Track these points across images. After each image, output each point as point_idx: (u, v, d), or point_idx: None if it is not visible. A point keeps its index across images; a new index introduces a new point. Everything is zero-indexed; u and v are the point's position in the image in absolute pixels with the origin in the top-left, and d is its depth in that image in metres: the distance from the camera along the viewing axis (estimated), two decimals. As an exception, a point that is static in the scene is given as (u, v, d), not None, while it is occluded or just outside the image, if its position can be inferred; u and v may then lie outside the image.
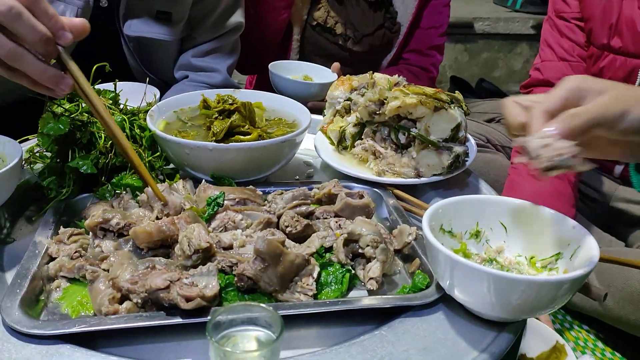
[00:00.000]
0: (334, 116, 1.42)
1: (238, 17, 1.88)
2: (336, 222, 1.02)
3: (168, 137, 1.12)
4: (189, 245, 0.88)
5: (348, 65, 2.24)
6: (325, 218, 1.05)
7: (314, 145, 1.37)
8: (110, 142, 1.12)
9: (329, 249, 0.98)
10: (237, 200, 1.05)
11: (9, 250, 1.00)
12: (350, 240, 0.96)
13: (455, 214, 0.95)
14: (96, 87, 1.21)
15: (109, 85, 1.25)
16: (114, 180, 1.11)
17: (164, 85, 1.91)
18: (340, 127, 1.35)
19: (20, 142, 1.13)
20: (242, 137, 1.17)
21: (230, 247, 0.94)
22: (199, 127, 1.25)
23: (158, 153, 1.17)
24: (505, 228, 0.95)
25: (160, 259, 0.90)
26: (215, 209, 1.02)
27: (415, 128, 1.20)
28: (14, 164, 0.97)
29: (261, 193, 1.10)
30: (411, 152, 1.21)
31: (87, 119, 1.11)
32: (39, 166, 1.18)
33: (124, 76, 1.75)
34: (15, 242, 1.02)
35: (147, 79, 1.37)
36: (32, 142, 1.29)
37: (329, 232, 1.00)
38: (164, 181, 1.15)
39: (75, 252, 0.94)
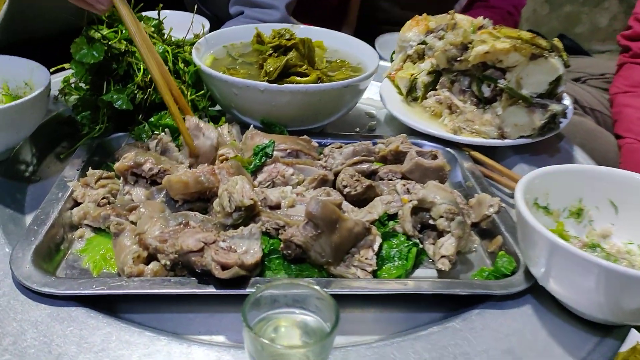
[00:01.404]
0: (404, 62, 1.24)
1: None
2: (403, 185, 0.86)
3: (214, 74, 0.98)
4: (229, 201, 0.74)
5: (414, 10, 2.01)
6: (391, 179, 0.89)
7: (379, 95, 1.19)
8: (150, 75, 0.98)
9: (394, 217, 0.82)
10: (288, 151, 0.90)
11: (33, 190, 0.90)
12: (420, 209, 0.80)
13: (553, 186, 0.77)
14: (141, 14, 1.07)
15: (153, 14, 1.11)
16: (152, 119, 0.98)
17: (217, 21, 1.76)
18: (411, 75, 1.16)
19: (54, 72, 1.02)
20: (298, 78, 1.01)
21: (277, 207, 0.80)
22: (250, 65, 1.10)
23: (203, 91, 1.02)
24: (616, 208, 0.77)
25: (196, 214, 0.77)
26: (262, 160, 0.87)
27: (504, 79, 1.00)
28: (39, 92, 0.85)
29: (317, 145, 0.95)
30: (496, 107, 1.02)
31: (125, 48, 0.97)
32: (74, 98, 1.06)
33: (174, 8, 1.62)
34: (40, 181, 0.92)
35: (196, 8, 1.21)
36: (69, 71, 1.17)
37: (394, 196, 0.84)
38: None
39: (103, 199, 0.82)
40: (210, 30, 1.48)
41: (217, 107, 1.09)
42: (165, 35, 1.09)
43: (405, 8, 2.02)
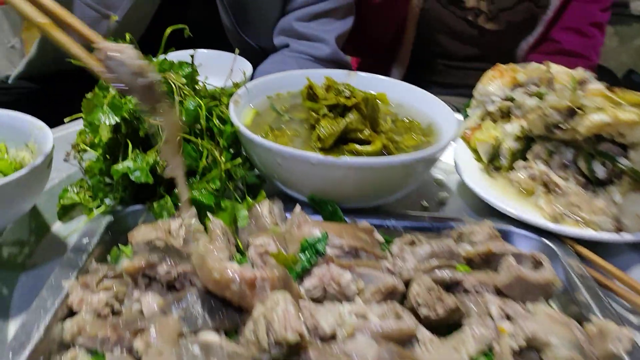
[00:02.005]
0: (482, 119, 1.02)
1: None
2: (499, 306, 0.64)
3: (255, 139, 0.79)
4: (267, 333, 0.54)
5: (476, 47, 1.80)
6: (478, 291, 0.68)
7: (452, 159, 0.98)
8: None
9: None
10: (346, 249, 0.69)
11: (25, 281, 0.72)
12: (528, 348, 0.58)
13: None
14: (170, 54, 0.90)
15: (185, 54, 0.92)
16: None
17: (261, 53, 1.59)
18: (494, 138, 0.95)
19: (69, 121, 0.85)
20: (358, 146, 0.81)
21: (332, 337, 0.59)
22: (299, 123, 0.91)
23: (239, 160, 0.83)
24: None
25: (222, 341, 0.57)
26: (312, 261, 0.67)
27: (626, 158, 0.78)
28: (37, 164, 0.67)
29: (381, 240, 0.74)
30: (612, 192, 0.80)
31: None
32: (88, 159, 0.89)
33: (215, 43, 1.45)
34: (36, 267, 0.74)
35: (237, 51, 1.03)
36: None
37: (487, 321, 0.63)
38: (243, 197, 0.82)
39: (106, 306, 0.64)
40: (257, 64, 1.31)
41: (256, 171, 0.90)
42: (200, 83, 0.91)
43: (465, 42, 1.81)
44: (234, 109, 0.87)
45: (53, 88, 1.64)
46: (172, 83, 0.82)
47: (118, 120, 0.75)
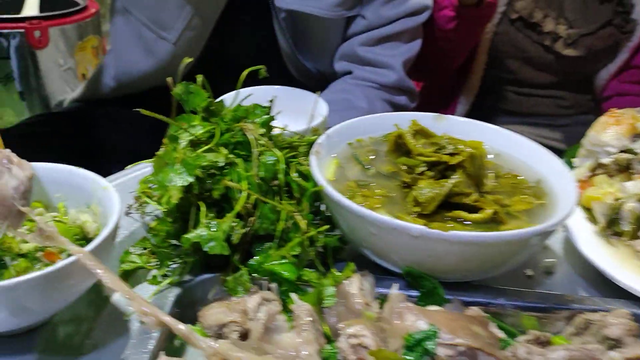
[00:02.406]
0: (593, 171, 0.89)
1: None
2: None
3: (347, 205, 0.68)
4: None
5: (552, 74, 1.66)
6: (628, 410, 0.55)
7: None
8: (253, 197, 0.70)
9: None
10: (461, 349, 0.57)
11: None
12: None
13: None
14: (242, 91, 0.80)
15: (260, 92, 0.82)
16: (252, 261, 0.70)
17: (320, 78, 1.49)
18: (614, 197, 0.81)
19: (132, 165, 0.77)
20: (464, 214, 0.69)
21: None
22: (387, 179, 0.79)
23: (326, 227, 0.72)
24: None
25: None
26: (421, 362, 0.56)
27: None
28: (104, 238, 0.58)
29: (499, 334, 0.62)
30: None
31: (225, 160, 0.70)
32: (154, 215, 0.81)
33: (271, 65, 1.36)
34: (95, 351, 0.65)
35: (318, 93, 0.93)
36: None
37: None
38: (325, 267, 0.71)
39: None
40: (311, 91, 1.21)
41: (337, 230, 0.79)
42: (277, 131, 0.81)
43: (539, 69, 1.67)
44: (316, 164, 0.76)
45: (110, 112, 1.58)
46: (249, 135, 0.72)
47: (191, 180, 0.65)
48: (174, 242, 0.74)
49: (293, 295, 0.65)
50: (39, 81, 2.11)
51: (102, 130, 1.53)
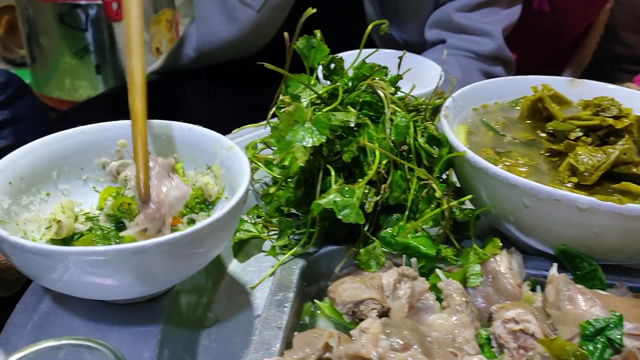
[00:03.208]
0: None
1: None
2: None
3: (496, 173, 0.59)
4: None
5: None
6: None
7: None
8: (386, 161, 0.63)
9: None
10: (651, 340, 0.49)
11: (207, 345, 0.57)
12: None
13: None
14: (340, 55, 0.72)
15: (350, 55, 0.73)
16: (385, 233, 0.63)
17: (407, 50, 1.40)
18: None
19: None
20: (634, 186, 0.60)
21: None
22: (526, 147, 0.70)
23: (469, 197, 0.64)
24: None
25: None
26: (605, 354, 0.47)
27: None
28: (235, 203, 0.51)
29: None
30: None
31: (357, 120, 0.63)
32: (261, 178, 0.75)
33: (355, 36, 1.28)
34: (219, 323, 0.59)
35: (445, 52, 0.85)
36: (255, 132, 0.87)
37: None
38: (460, 243, 0.63)
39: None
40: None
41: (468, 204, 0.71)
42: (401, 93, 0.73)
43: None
44: (447, 126, 0.68)
45: (189, 83, 1.55)
46: (381, 93, 0.65)
47: (324, 140, 0.58)
48: (292, 210, 0.68)
49: (439, 272, 0.57)
50: (115, 55, 2.10)
51: (182, 102, 1.50)
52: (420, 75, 0.93)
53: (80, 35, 2.03)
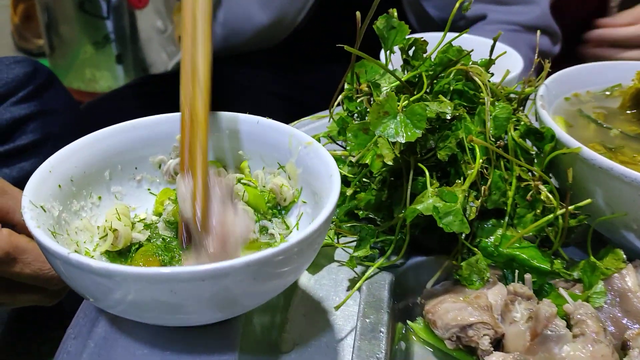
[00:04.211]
0: None
1: None
2: None
3: (624, 173, 0.50)
4: None
5: None
6: None
7: None
8: (484, 158, 0.54)
9: None
10: None
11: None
12: None
13: None
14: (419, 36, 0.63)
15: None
16: (483, 243, 0.54)
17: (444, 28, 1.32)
18: None
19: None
20: None
21: None
22: (634, 140, 0.62)
23: (588, 202, 0.55)
24: None
25: None
26: None
27: None
28: (327, 215, 0.43)
29: None
30: None
31: (454, 112, 0.54)
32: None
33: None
34: (298, 348, 0.51)
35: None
36: (316, 124, 0.78)
37: None
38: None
39: None
40: None
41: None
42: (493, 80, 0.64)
43: None
44: (546, 117, 0.59)
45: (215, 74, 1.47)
46: (478, 81, 0.56)
47: (419, 135, 0.49)
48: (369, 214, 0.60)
49: (563, 292, 0.48)
50: (136, 44, 2.02)
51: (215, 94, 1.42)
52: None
53: (100, 24, 1.94)
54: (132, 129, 0.54)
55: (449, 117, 0.53)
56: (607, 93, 0.71)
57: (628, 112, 0.67)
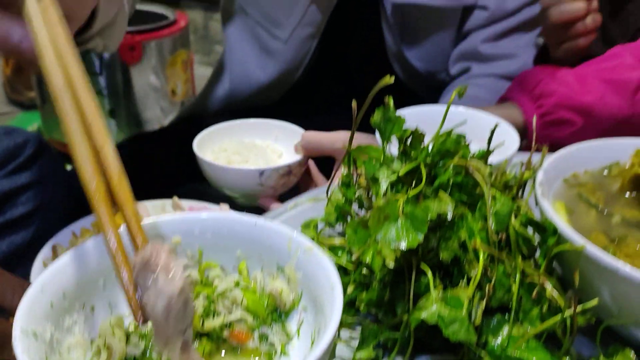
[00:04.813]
0: None
1: None
2: None
3: (627, 273, 0.50)
4: None
5: None
6: None
7: None
8: (486, 255, 0.53)
9: None
10: None
11: None
12: None
13: None
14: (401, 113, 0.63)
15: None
16: (490, 346, 0.52)
17: (430, 81, 1.36)
18: None
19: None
20: None
21: None
22: (636, 228, 0.61)
23: (594, 303, 0.54)
24: None
25: None
26: None
27: None
28: (327, 345, 0.41)
29: None
30: None
31: (457, 204, 0.53)
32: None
33: (379, 68, 1.21)
34: None
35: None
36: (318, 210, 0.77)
37: None
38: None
39: None
40: (417, 95, 1.03)
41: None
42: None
43: None
44: (546, 204, 0.58)
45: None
46: (478, 177, 0.56)
47: (421, 239, 0.49)
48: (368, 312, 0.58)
49: (576, 404, 0.47)
50: (129, 99, 2.03)
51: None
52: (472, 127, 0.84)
53: (93, 80, 1.95)
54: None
55: (449, 218, 0.52)
56: (605, 172, 0.71)
57: (627, 195, 0.67)
